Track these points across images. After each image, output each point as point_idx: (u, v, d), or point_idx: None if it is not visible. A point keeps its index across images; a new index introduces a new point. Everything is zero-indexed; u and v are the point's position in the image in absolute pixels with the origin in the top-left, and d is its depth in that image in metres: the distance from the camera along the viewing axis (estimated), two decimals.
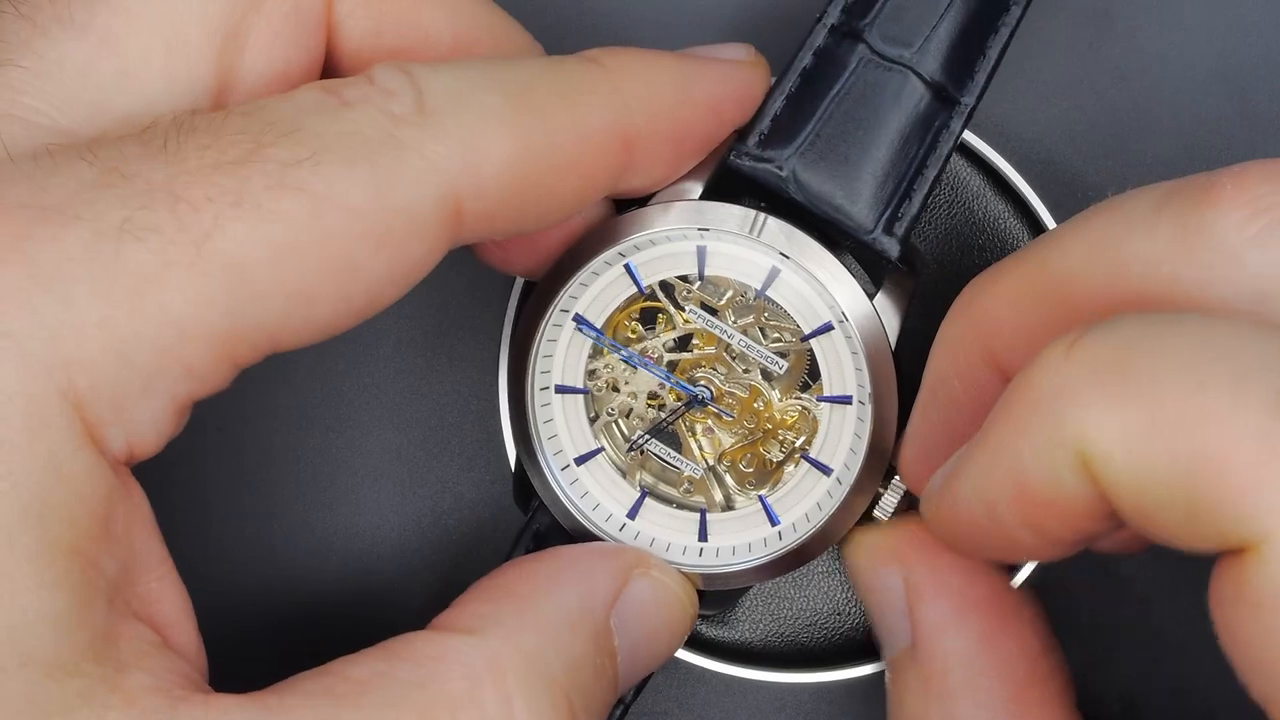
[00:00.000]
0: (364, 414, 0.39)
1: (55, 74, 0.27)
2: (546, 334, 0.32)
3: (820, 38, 0.31)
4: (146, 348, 0.24)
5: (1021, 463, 0.25)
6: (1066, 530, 0.26)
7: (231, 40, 0.29)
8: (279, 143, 0.25)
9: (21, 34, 0.27)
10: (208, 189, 0.25)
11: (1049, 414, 0.25)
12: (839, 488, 0.33)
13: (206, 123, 0.26)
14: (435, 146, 0.26)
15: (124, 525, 0.26)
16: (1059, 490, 0.25)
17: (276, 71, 0.29)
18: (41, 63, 0.27)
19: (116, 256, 0.24)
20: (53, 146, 0.26)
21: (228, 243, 0.25)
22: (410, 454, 0.39)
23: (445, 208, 0.27)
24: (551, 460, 0.33)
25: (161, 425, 0.25)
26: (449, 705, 0.26)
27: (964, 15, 0.31)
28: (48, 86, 0.27)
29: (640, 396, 0.33)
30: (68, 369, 0.24)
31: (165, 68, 0.28)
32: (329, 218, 0.25)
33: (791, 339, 0.33)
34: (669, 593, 0.32)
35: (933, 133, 0.31)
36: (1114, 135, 0.38)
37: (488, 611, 0.29)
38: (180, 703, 0.25)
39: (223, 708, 0.25)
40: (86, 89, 0.27)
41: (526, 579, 0.30)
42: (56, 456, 0.24)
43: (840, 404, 0.33)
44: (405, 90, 0.27)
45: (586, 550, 0.32)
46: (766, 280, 0.32)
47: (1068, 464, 0.24)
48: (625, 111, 0.29)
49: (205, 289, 0.25)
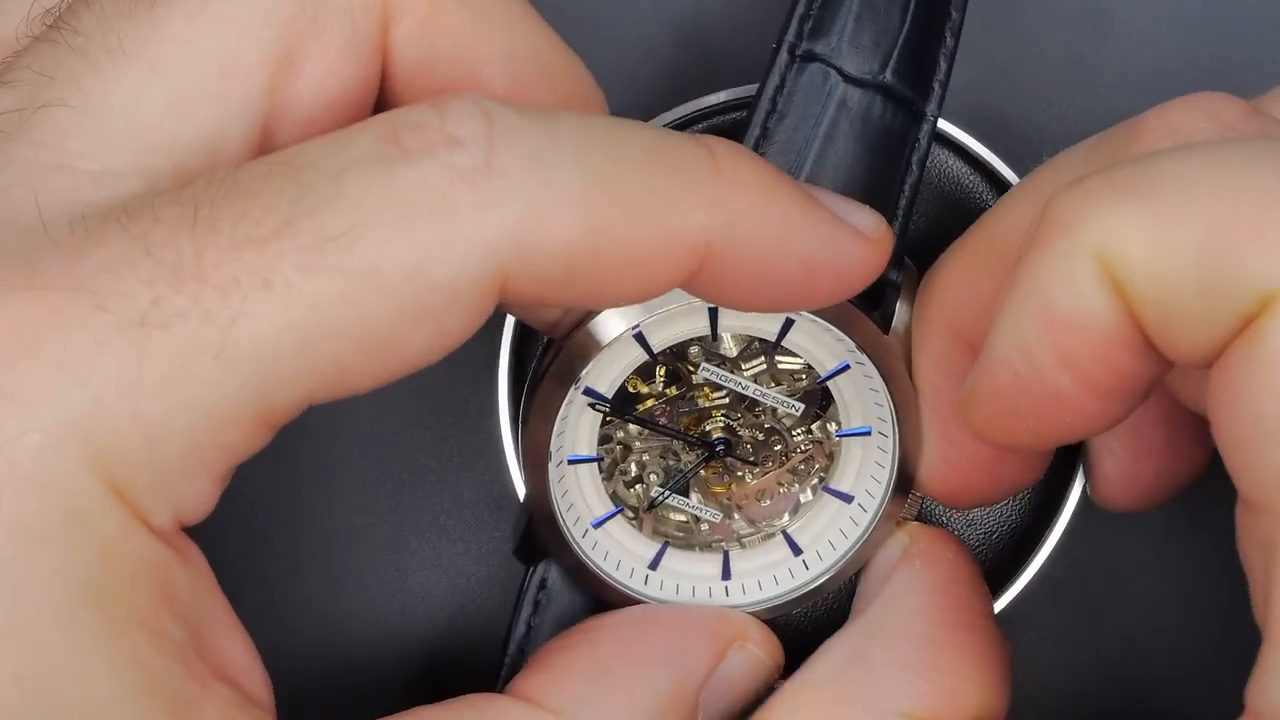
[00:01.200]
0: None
1: (101, 110, 0.26)
2: (561, 412, 0.31)
3: (783, 66, 0.31)
4: (180, 437, 0.24)
5: (1047, 290, 0.25)
6: (1103, 366, 0.26)
7: (286, 65, 0.27)
8: (317, 212, 0.24)
9: (74, 69, 0.26)
10: (236, 269, 0.24)
11: (1066, 230, 0.25)
12: (862, 514, 0.33)
13: (247, 181, 0.24)
14: (490, 216, 0.24)
15: (185, 589, 0.25)
16: (1087, 309, 0.25)
17: (331, 96, 0.28)
18: (89, 100, 0.26)
19: (144, 346, 0.23)
20: (89, 210, 0.25)
21: (255, 330, 0.24)
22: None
23: (490, 282, 0.25)
24: (571, 529, 0.32)
25: (204, 496, 0.25)
26: None
27: (916, 28, 0.31)
28: (93, 125, 0.26)
29: (653, 453, 0.33)
30: (105, 460, 0.23)
31: (216, 96, 0.27)
32: (363, 300, 0.24)
33: (804, 379, 0.32)
34: (761, 668, 0.31)
35: (908, 148, 0.31)
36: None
37: (576, 690, 0.28)
38: None
39: None
40: (132, 122, 0.26)
41: (620, 653, 0.29)
42: (105, 542, 0.24)
43: (859, 436, 0.33)
44: (477, 142, 0.25)
45: (686, 618, 0.31)
46: (781, 332, 0.31)
47: (1090, 277, 0.25)
48: (719, 225, 0.26)
49: (234, 376, 0.24)
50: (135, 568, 0.24)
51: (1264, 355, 0.23)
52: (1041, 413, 0.27)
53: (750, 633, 0.31)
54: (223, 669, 0.26)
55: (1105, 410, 0.27)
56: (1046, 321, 0.26)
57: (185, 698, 0.24)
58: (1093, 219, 0.25)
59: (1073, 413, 0.27)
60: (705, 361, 0.32)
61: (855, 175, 0.30)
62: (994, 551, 0.36)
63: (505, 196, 0.24)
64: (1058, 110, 0.38)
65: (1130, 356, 0.26)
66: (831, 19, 0.31)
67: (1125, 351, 0.25)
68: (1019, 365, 0.26)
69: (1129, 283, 0.25)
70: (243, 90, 0.27)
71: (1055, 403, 0.26)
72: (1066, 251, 0.25)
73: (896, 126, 0.31)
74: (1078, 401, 0.26)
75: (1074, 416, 0.27)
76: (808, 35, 0.30)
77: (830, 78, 0.31)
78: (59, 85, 0.26)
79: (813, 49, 0.31)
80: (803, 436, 0.33)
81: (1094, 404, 0.26)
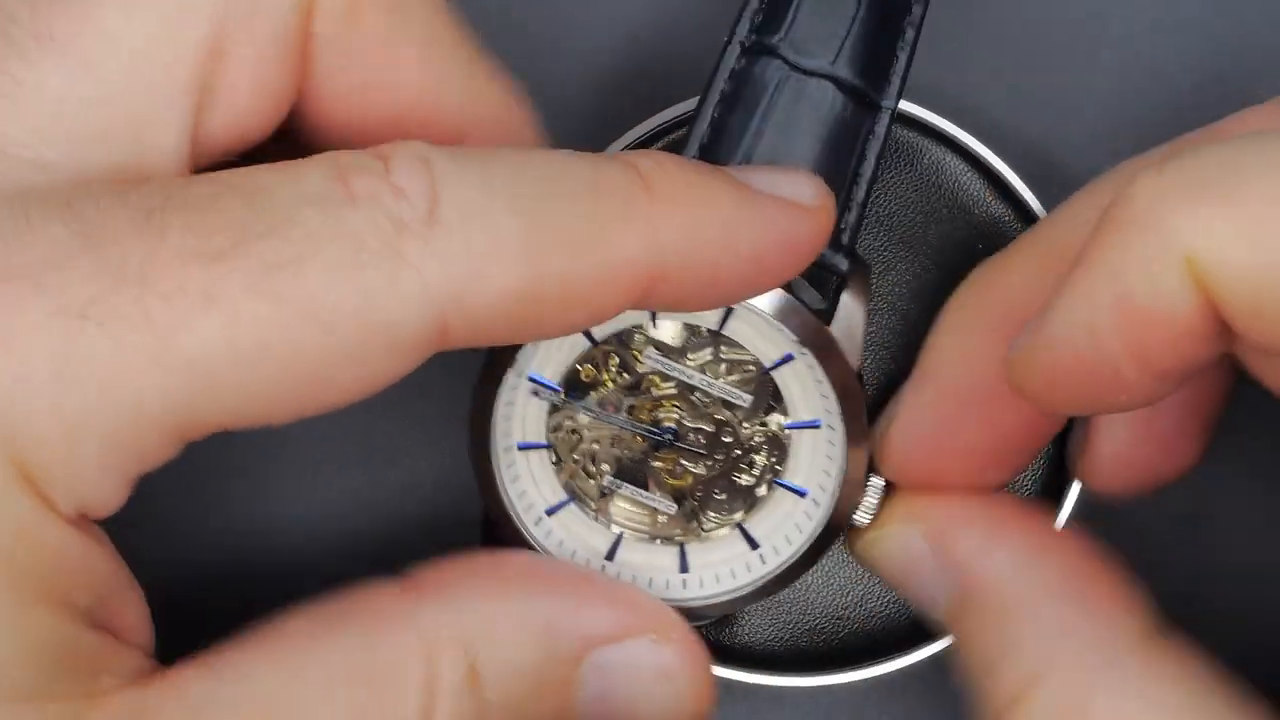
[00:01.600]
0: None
1: (33, 100, 0.26)
2: (504, 397, 0.31)
3: (734, 58, 0.31)
4: (98, 436, 0.24)
5: (1126, 280, 0.25)
6: (1172, 354, 0.25)
7: (216, 56, 0.27)
8: (268, 237, 0.24)
9: (3, 56, 0.26)
10: (182, 279, 0.24)
11: (1151, 226, 0.25)
12: (815, 508, 0.32)
13: (197, 196, 0.25)
14: (433, 265, 0.25)
15: (96, 569, 0.26)
16: (1166, 304, 0.25)
17: (260, 87, 0.28)
18: (20, 88, 0.26)
19: (76, 340, 0.24)
20: (30, 199, 0.25)
21: (192, 341, 0.24)
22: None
23: (430, 328, 0.25)
24: (523, 515, 0.33)
25: (112, 496, 0.25)
26: (378, 680, 0.27)
27: (872, 20, 0.31)
28: (27, 114, 0.26)
29: (604, 441, 0.33)
30: (19, 445, 0.24)
31: (148, 90, 0.27)
32: (303, 331, 0.24)
33: (752, 370, 0.32)
34: (673, 682, 0.30)
35: (861, 140, 0.31)
36: (1115, 135, 0.38)
37: (458, 580, 0.28)
38: (145, 691, 0.26)
39: (181, 682, 0.26)
40: (66, 116, 0.26)
41: (518, 570, 0.29)
42: (17, 521, 0.24)
43: (808, 429, 0.32)
44: (420, 192, 0.25)
45: (600, 580, 0.30)
46: (721, 320, 0.31)
47: (1175, 274, 0.24)
48: (656, 250, 0.26)
49: (163, 384, 0.24)
50: (44, 547, 0.25)
51: None
52: (1094, 387, 0.27)
53: (674, 637, 0.30)
54: (112, 627, 0.26)
55: (1157, 390, 0.26)
56: (1123, 312, 0.25)
57: (81, 655, 0.25)
58: (1181, 217, 0.24)
59: (1126, 391, 0.26)
60: (652, 348, 0.32)
61: (805, 165, 0.30)
62: None
63: (446, 247, 0.25)
64: (1058, 111, 0.38)
65: (1202, 345, 0.25)
66: (782, 12, 0.31)
67: (1198, 341, 0.25)
68: (1084, 346, 0.26)
69: (1222, 286, 0.24)
70: (175, 83, 0.27)
71: (1112, 381, 0.26)
72: (1152, 248, 0.25)
73: (849, 117, 0.31)
74: (1134, 382, 0.26)
75: (1126, 394, 0.27)
76: (759, 27, 0.31)
77: (780, 69, 0.31)
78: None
79: (763, 41, 0.31)
80: (754, 429, 0.33)
81: (1149, 384, 0.26)
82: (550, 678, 0.29)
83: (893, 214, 0.36)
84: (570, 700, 0.29)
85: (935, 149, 0.36)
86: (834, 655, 0.37)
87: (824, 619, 0.37)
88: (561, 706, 0.29)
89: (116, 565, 0.27)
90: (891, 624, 0.37)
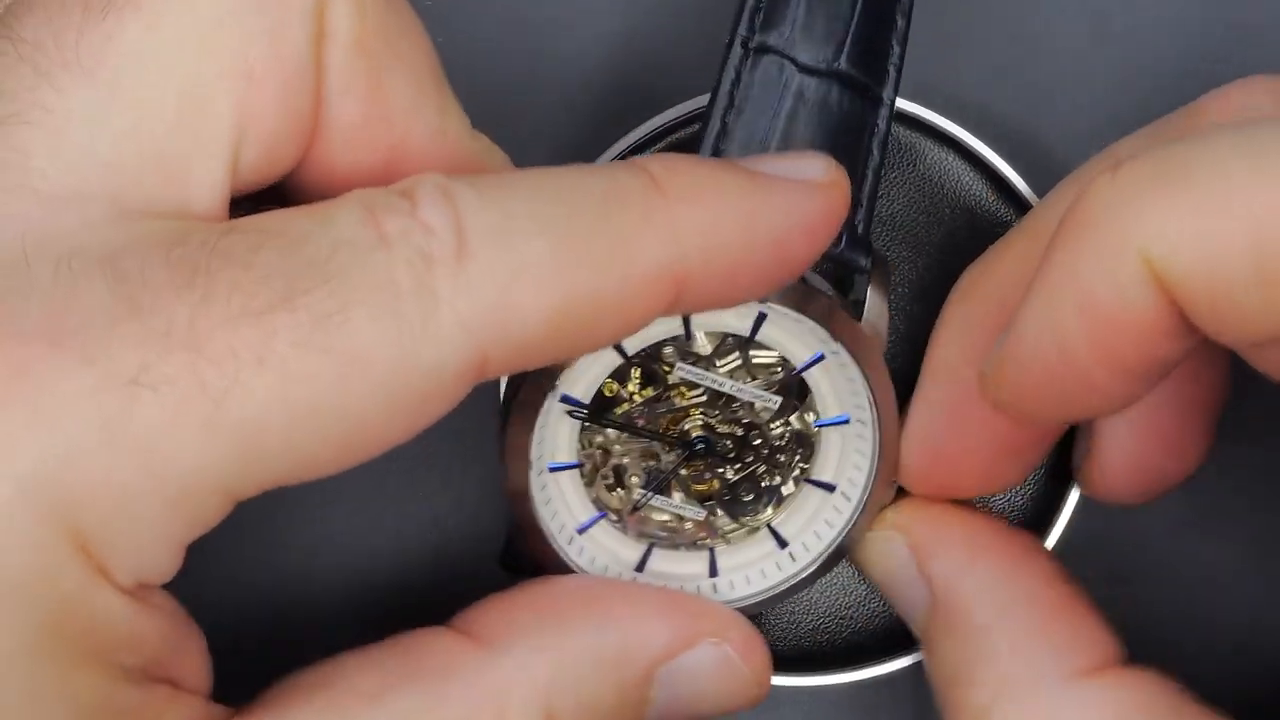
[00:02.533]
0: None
1: (64, 129, 0.25)
2: (539, 420, 0.31)
3: (738, 59, 0.31)
4: (152, 504, 0.24)
5: (1087, 283, 0.25)
6: (1139, 354, 0.26)
7: (247, 83, 0.27)
8: (313, 291, 0.24)
9: (25, 81, 0.25)
10: (232, 340, 0.24)
11: (1108, 226, 0.25)
12: (845, 503, 0.33)
13: (239, 251, 0.24)
14: (468, 300, 0.25)
15: (149, 634, 0.25)
16: (1128, 304, 0.25)
17: (290, 110, 0.27)
18: (50, 117, 0.25)
19: (128, 408, 0.23)
20: (75, 259, 0.24)
21: (245, 403, 0.24)
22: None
23: (471, 365, 0.25)
24: (557, 536, 0.32)
25: (166, 563, 0.25)
26: None
27: (867, 13, 0.31)
28: (58, 145, 0.25)
29: (633, 455, 0.33)
30: (74, 516, 0.23)
31: (178, 112, 0.26)
32: (353, 383, 0.24)
33: (779, 372, 0.32)
34: (734, 673, 0.30)
35: (867, 134, 0.31)
36: (1118, 133, 0.37)
37: (515, 622, 0.28)
38: None
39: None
40: (98, 143, 0.25)
41: (573, 601, 0.29)
42: (68, 594, 0.24)
43: (837, 425, 0.32)
44: (447, 228, 0.25)
45: (655, 593, 0.30)
46: (754, 327, 0.31)
47: (1134, 272, 0.25)
48: (679, 252, 0.26)
49: (216, 448, 0.24)
50: (94, 616, 0.24)
51: None
52: (1067, 393, 0.27)
53: (731, 635, 0.30)
54: (171, 679, 0.26)
55: (1130, 391, 0.27)
56: (1087, 316, 0.25)
57: (131, 713, 0.25)
58: (1134, 215, 0.25)
59: (1099, 394, 0.27)
60: (680, 361, 0.32)
61: None
62: None
63: (479, 278, 0.25)
64: (1058, 109, 0.38)
65: (1168, 342, 0.25)
66: (782, 10, 0.31)
67: (1165, 339, 0.25)
68: (1052, 353, 0.26)
69: (1179, 281, 0.24)
70: (214, 113, 0.26)
71: (1084, 386, 0.26)
72: (1109, 248, 0.25)
73: (854, 112, 0.31)
74: (1106, 385, 0.26)
75: (1099, 397, 0.27)
76: (760, 28, 0.31)
77: (785, 69, 0.31)
78: (13, 100, 0.25)
79: (765, 41, 0.31)
80: (781, 429, 0.33)
81: (1122, 386, 0.26)
82: (624, 704, 0.29)
83: (895, 214, 0.37)
84: (642, 716, 0.29)
85: (937, 149, 0.37)
86: (838, 654, 0.37)
87: (828, 618, 0.37)
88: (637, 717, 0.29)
89: (175, 624, 0.26)
90: (895, 623, 0.37)
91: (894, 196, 0.37)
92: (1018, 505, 0.36)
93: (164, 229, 0.25)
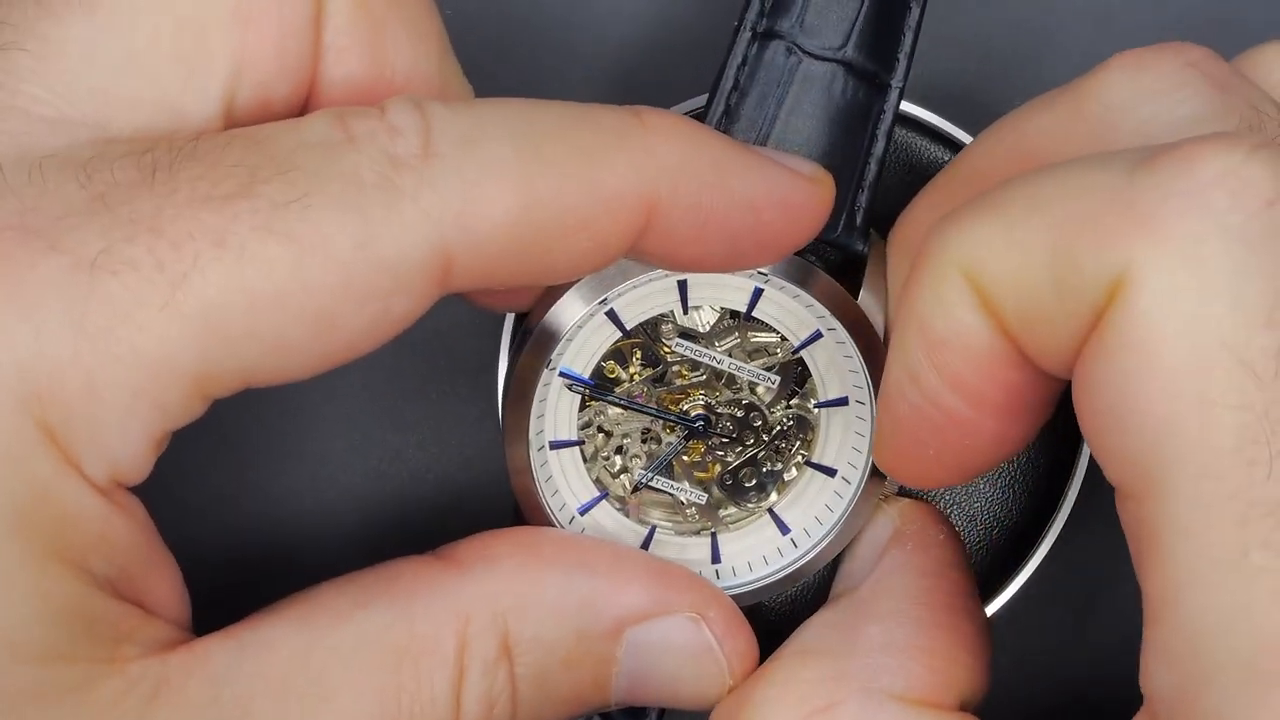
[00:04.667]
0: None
1: (59, 57, 0.26)
2: (538, 394, 0.31)
3: (745, 44, 0.31)
4: (117, 388, 0.24)
5: (921, 310, 0.26)
6: (980, 377, 0.26)
7: (245, 26, 0.27)
8: (273, 180, 0.25)
9: (29, 15, 0.26)
10: (191, 225, 0.24)
11: (934, 251, 0.26)
12: (846, 487, 0.33)
13: (206, 150, 0.25)
14: (431, 195, 0.25)
15: (120, 538, 0.26)
16: (955, 320, 0.26)
17: (286, 54, 0.28)
18: (46, 46, 0.26)
19: (91, 290, 0.24)
20: (47, 162, 0.25)
21: (205, 286, 0.24)
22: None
23: (435, 261, 0.25)
24: (558, 514, 0.32)
25: (139, 457, 0.25)
26: (411, 652, 0.27)
27: (880, 1, 0.31)
28: (51, 71, 0.26)
29: (635, 435, 0.33)
30: (41, 402, 0.24)
31: (174, 48, 0.27)
32: (312, 269, 0.25)
33: (778, 352, 0.32)
34: (710, 657, 0.30)
35: (872, 121, 0.31)
36: None
37: (492, 553, 0.29)
38: (167, 659, 0.26)
39: (204, 651, 0.26)
40: (92, 72, 0.26)
41: (555, 546, 0.29)
42: (38, 482, 0.24)
43: (837, 406, 0.32)
44: (413, 131, 0.26)
45: (639, 558, 0.30)
46: (751, 302, 0.31)
47: (957, 290, 0.25)
48: (653, 176, 0.27)
49: (178, 331, 0.24)
50: (64, 509, 0.24)
51: (1111, 345, 0.23)
52: (943, 439, 0.27)
53: (712, 614, 0.30)
54: (141, 601, 0.26)
55: (1004, 430, 0.27)
56: (926, 343, 0.26)
57: (101, 622, 0.25)
58: (954, 234, 0.25)
59: (973, 435, 0.27)
60: (679, 338, 0.32)
61: (819, 148, 0.31)
62: (992, 550, 0.36)
63: (443, 175, 0.25)
64: None
65: (1012, 370, 0.26)
66: None
67: (1006, 366, 0.26)
68: (911, 393, 0.27)
69: (992, 293, 0.25)
70: (210, 51, 0.27)
71: (953, 427, 0.27)
72: (934, 271, 0.26)
73: (860, 99, 0.31)
74: (974, 423, 0.27)
75: (975, 438, 0.27)
76: (769, 13, 0.31)
77: (792, 54, 0.31)
78: (14, 30, 0.26)
79: (774, 26, 0.31)
80: (782, 411, 0.33)
81: (991, 424, 0.27)
82: (583, 654, 0.29)
83: (894, 215, 0.37)
84: (606, 677, 0.29)
85: (934, 149, 0.37)
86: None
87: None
88: (596, 683, 0.29)
89: (146, 537, 0.26)
90: None
91: (890, 197, 0.37)
92: (1017, 506, 0.36)
93: (141, 143, 0.26)
